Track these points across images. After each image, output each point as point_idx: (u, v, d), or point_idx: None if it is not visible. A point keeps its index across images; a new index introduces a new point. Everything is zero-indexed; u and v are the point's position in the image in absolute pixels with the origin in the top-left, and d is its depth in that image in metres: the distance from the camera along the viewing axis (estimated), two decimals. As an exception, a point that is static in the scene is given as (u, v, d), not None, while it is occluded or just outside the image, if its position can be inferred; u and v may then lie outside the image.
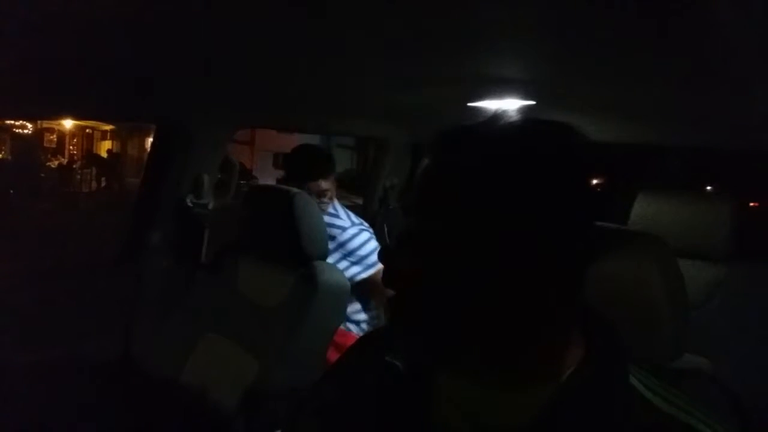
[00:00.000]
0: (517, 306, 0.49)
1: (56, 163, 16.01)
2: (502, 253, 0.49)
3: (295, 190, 1.61)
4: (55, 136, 17.28)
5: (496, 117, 0.55)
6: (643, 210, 1.71)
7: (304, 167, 1.94)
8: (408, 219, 0.56)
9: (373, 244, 1.97)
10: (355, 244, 1.93)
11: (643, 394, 0.52)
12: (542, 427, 0.50)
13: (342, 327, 1.77)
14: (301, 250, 1.54)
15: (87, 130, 17.80)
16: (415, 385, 0.59)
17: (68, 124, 16.25)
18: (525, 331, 0.50)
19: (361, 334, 1.91)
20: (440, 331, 0.52)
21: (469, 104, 1.77)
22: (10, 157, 15.00)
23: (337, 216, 2.00)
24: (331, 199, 1.98)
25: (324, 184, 1.94)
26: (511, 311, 0.49)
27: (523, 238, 0.48)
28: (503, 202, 0.49)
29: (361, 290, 1.94)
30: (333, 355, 1.54)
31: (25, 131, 15.24)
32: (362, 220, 2.08)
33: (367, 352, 0.70)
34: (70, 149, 17.45)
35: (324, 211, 1.92)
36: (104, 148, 18.06)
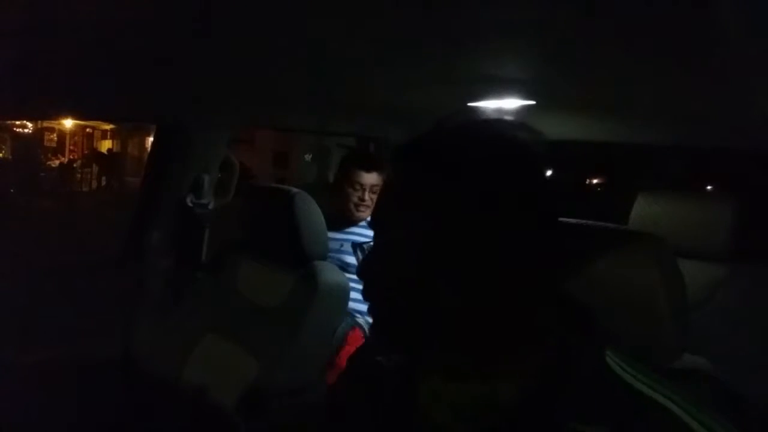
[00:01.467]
0: (488, 304, 0.50)
1: (56, 162, 16.02)
2: (465, 255, 0.50)
3: (294, 189, 1.60)
4: (55, 135, 17.28)
5: (445, 122, 0.56)
6: (643, 210, 1.71)
7: None
8: (375, 232, 0.58)
9: None
10: None
11: (622, 377, 0.52)
12: (524, 414, 0.51)
13: None
14: (302, 250, 1.54)
15: (87, 130, 17.80)
16: (405, 387, 0.60)
17: (68, 123, 16.25)
18: (499, 327, 0.52)
19: None
20: (417, 334, 0.53)
21: (469, 104, 1.77)
22: (10, 156, 15.01)
23: None
24: None
25: None
26: (483, 310, 0.51)
27: (484, 238, 0.49)
28: (458, 205, 0.50)
29: None
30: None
31: (26, 131, 15.24)
32: None
33: (362, 356, 0.72)
34: (70, 148, 17.45)
35: None
36: (104, 147, 18.05)
